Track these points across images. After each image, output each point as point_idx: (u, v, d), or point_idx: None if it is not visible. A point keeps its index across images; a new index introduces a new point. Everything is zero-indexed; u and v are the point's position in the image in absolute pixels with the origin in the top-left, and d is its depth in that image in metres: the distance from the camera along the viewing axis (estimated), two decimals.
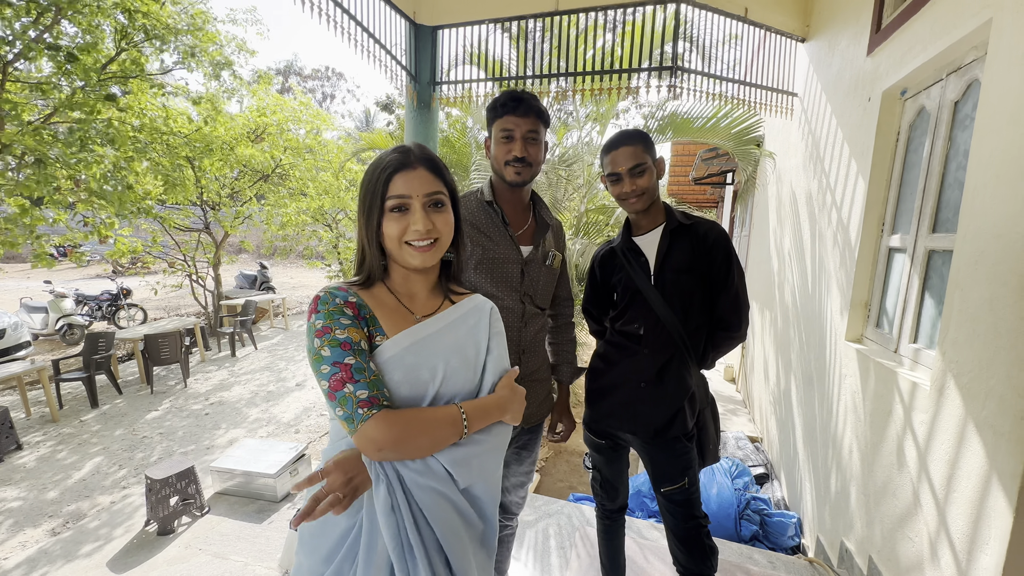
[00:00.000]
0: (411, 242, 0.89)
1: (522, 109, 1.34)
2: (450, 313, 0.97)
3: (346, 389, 0.79)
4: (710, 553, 1.50)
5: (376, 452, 0.79)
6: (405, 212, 0.88)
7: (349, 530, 0.85)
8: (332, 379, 0.79)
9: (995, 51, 1.38)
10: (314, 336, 0.82)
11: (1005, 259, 1.26)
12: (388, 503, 0.81)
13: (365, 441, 0.79)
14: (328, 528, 0.86)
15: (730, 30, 3.13)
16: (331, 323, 0.82)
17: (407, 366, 0.87)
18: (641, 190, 1.40)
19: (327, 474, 0.81)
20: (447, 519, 0.85)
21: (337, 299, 0.85)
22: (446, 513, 0.85)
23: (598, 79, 3.28)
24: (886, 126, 2.12)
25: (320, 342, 0.81)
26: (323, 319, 0.83)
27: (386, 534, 0.80)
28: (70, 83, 4.47)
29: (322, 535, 0.87)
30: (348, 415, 0.79)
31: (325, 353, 0.80)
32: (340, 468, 0.81)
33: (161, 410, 5.47)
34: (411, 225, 0.88)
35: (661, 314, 1.44)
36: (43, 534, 3.21)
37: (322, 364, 0.80)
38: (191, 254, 8.28)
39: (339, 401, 0.79)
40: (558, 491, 4.15)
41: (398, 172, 0.88)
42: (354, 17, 2.75)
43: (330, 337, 0.81)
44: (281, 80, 32.82)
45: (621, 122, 14.84)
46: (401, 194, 0.87)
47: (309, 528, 0.88)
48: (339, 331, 0.82)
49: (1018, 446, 1.18)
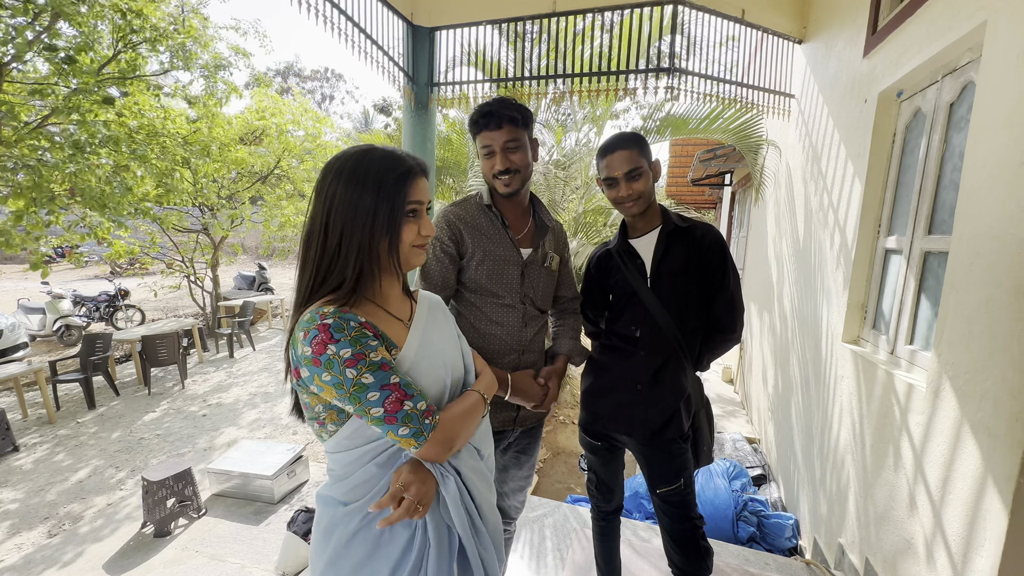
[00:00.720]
0: (418, 245, 0.92)
1: (494, 123, 1.33)
2: (421, 310, 1.01)
3: (406, 407, 0.81)
4: (705, 554, 1.50)
5: (447, 453, 0.86)
6: (418, 217, 0.91)
7: (411, 538, 0.88)
8: (387, 402, 0.79)
9: (990, 53, 1.38)
10: (344, 367, 0.77)
11: (1000, 261, 1.26)
12: (458, 496, 0.89)
13: (438, 446, 0.84)
14: (382, 549, 0.87)
15: (727, 31, 3.14)
16: (361, 348, 0.79)
17: (425, 369, 0.91)
18: (637, 194, 1.40)
19: (409, 485, 0.83)
20: (485, 492, 0.97)
21: (352, 323, 0.80)
22: (484, 487, 0.97)
23: (595, 80, 3.28)
24: (882, 128, 2.13)
25: (356, 371, 0.77)
26: (349, 346, 0.78)
27: (458, 524, 0.89)
28: (66, 83, 4.46)
29: (375, 559, 0.87)
30: (416, 430, 0.81)
31: (367, 380, 0.78)
32: (418, 478, 0.84)
33: (159, 411, 5.46)
34: (422, 230, 0.91)
35: (657, 317, 1.44)
36: (39, 536, 3.19)
37: (368, 392, 0.78)
38: (189, 255, 8.27)
39: (402, 421, 0.80)
40: (555, 492, 4.15)
41: (418, 177, 0.90)
42: (352, 19, 2.75)
43: (367, 363, 0.79)
44: (280, 81, 32.86)
45: (620, 123, 14.85)
46: (419, 199, 0.90)
47: (354, 562, 0.87)
48: (373, 354, 0.80)
49: (1013, 448, 1.18)
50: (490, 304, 1.39)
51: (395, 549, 0.87)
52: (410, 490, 0.82)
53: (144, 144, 5.25)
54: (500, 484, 1.57)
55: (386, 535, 0.87)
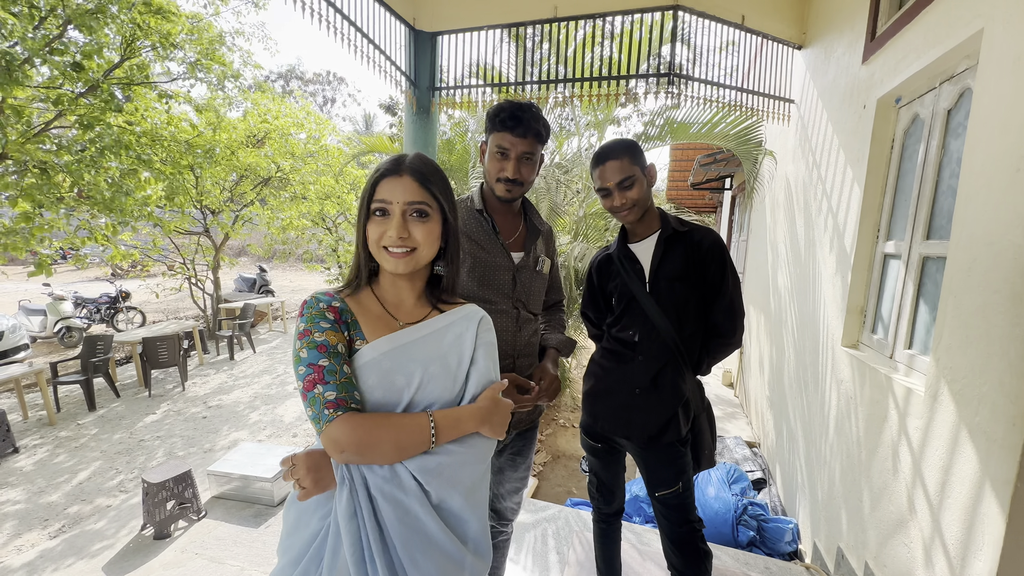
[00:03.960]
0: (388, 247, 0.91)
1: (520, 129, 1.31)
2: (436, 322, 0.97)
3: (316, 390, 0.82)
4: (704, 557, 1.50)
5: (338, 453, 0.81)
6: (386, 217, 0.91)
7: (318, 533, 0.87)
8: (305, 380, 0.83)
9: (987, 60, 1.40)
10: (296, 338, 0.86)
11: (997, 267, 1.27)
12: (350, 507, 0.81)
13: (329, 442, 0.81)
14: (300, 529, 0.89)
15: (728, 37, 3.16)
16: (311, 326, 0.86)
17: (383, 371, 0.88)
18: (632, 202, 1.41)
19: (296, 460, 0.85)
20: (411, 535, 0.82)
21: (320, 303, 0.89)
22: (411, 528, 0.82)
23: (596, 85, 3.30)
24: (881, 133, 2.14)
25: (300, 344, 0.85)
26: (305, 322, 0.87)
27: (346, 540, 0.80)
28: (72, 87, 4.49)
29: (295, 535, 0.90)
30: (316, 415, 0.81)
31: (303, 355, 0.84)
32: (308, 460, 0.85)
33: (159, 413, 5.46)
34: (387, 230, 0.90)
35: (656, 321, 1.45)
36: (39, 538, 3.19)
37: (299, 365, 0.84)
38: (190, 257, 8.29)
39: (309, 401, 0.82)
40: (556, 496, 4.14)
41: (385, 178, 0.91)
42: (354, 23, 2.77)
43: (309, 339, 0.85)
44: (283, 84, 32.96)
45: (622, 128, 14.90)
46: (383, 199, 0.90)
47: (287, 527, 0.92)
48: (317, 334, 0.85)
49: (1011, 452, 1.19)
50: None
51: (306, 534, 0.88)
52: (297, 468, 0.85)
53: (148, 148, 5.28)
54: (496, 486, 1.58)
55: (304, 517, 0.89)
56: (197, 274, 8.49)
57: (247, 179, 8.40)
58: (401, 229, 0.89)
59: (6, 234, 4.25)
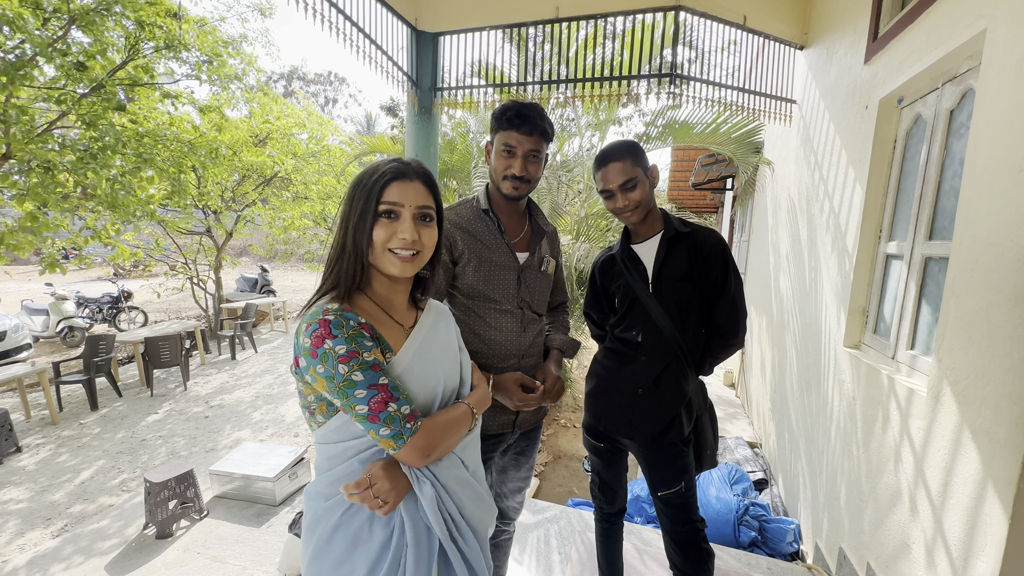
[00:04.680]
0: (394, 250, 0.91)
1: (527, 127, 1.32)
2: (426, 319, 1.02)
3: (390, 408, 0.83)
4: (707, 557, 1.50)
5: (424, 459, 0.87)
6: (395, 219, 0.90)
7: (388, 539, 0.89)
8: (372, 402, 0.82)
9: (989, 61, 1.40)
10: (338, 362, 0.80)
11: (1000, 267, 1.27)
12: (435, 501, 0.89)
13: (415, 451, 0.86)
14: (361, 547, 0.88)
15: (729, 37, 3.16)
16: (356, 347, 0.82)
17: (418, 376, 0.93)
18: (635, 204, 1.41)
19: (376, 479, 0.85)
20: (472, 499, 0.98)
21: (351, 322, 0.84)
22: (470, 494, 0.97)
23: (598, 86, 3.30)
24: (883, 134, 2.14)
25: (347, 367, 0.81)
26: (345, 344, 0.81)
27: (437, 527, 0.89)
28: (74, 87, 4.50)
29: (354, 556, 0.88)
30: (396, 432, 0.83)
31: (358, 378, 0.81)
32: (387, 474, 0.86)
33: (161, 413, 5.47)
34: (398, 233, 0.90)
35: (659, 322, 1.45)
36: (42, 536, 3.20)
37: (356, 389, 0.81)
38: (192, 257, 8.30)
39: (384, 421, 0.82)
40: (557, 496, 4.15)
41: (396, 180, 0.90)
42: (356, 24, 2.77)
43: (359, 361, 0.82)
44: (285, 84, 33.01)
45: (623, 129, 14.88)
46: (395, 201, 0.90)
47: (334, 557, 0.89)
48: (366, 354, 0.83)
49: (1013, 453, 1.19)
50: (488, 310, 1.40)
51: (373, 547, 0.88)
52: (376, 484, 0.85)
53: (151, 148, 5.30)
54: (499, 485, 1.58)
55: (364, 533, 0.88)
56: (199, 274, 8.51)
57: (249, 179, 8.42)
58: (413, 231, 0.90)
59: (11, 233, 4.27)
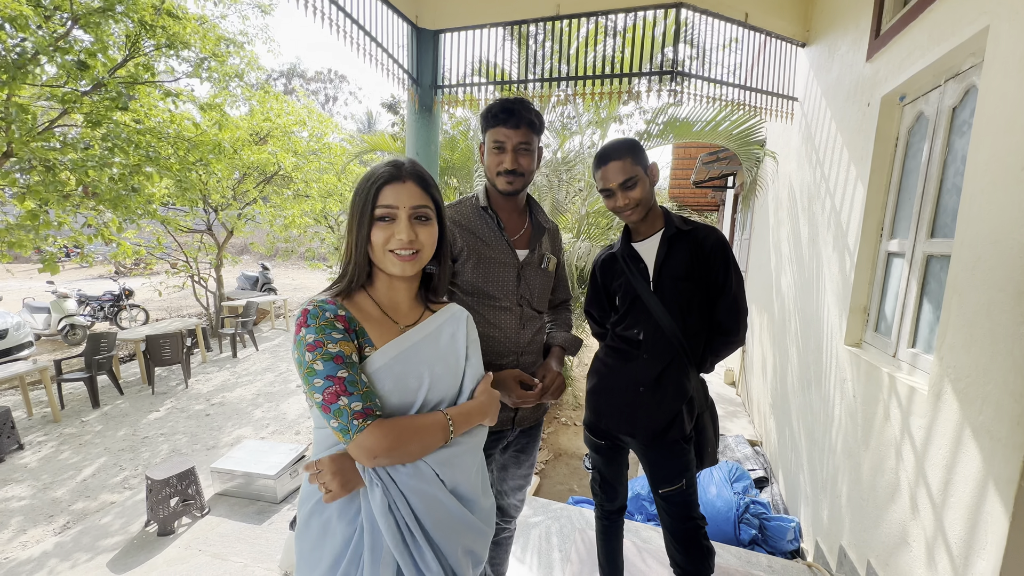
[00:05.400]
0: (394, 250, 0.93)
1: (513, 121, 1.33)
2: (431, 322, 1.02)
3: (340, 402, 0.83)
4: (707, 554, 1.50)
5: (371, 460, 0.84)
6: (391, 222, 0.93)
7: (351, 536, 0.89)
8: (326, 392, 0.83)
9: (992, 58, 1.39)
10: (305, 350, 0.84)
11: (1001, 265, 1.27)
12: (384, 504, 0.86)
13: (360, 450, 0.84)
14: (328, 538, 0.90)
15: (731, 34, 3.15)
16: (323, 337, 0.85)
17: (396, 375, 0.92)
18: (635, 202, 1.41)
19: (323, 466, 0.87)
20: (438, 516, 0.91)
21: (327, 313, 0.88)
22: (438, 512, 0.91)
23: (599, 83, 3.29)
24: (885, 131, 2.13)
25: (312, 356, 0.83)
26: (314, 333, 0.85)
27: (386, 533, 0.86)
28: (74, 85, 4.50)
29: (323, 545, 0.90)
30: (343, 426, 0.83)
31: (318, 367, 0.83)
32: (334, 464, 0.87)
33: (163, 411, 5.49)
34: (395, 234, 0.92)
35: (660, 320, 1.45)
36: (45, 533, 3.22)
37: (315, 378, 0.83)
38: (193, 255, 8.31)
39: (334, 413, 0.83)
40: (558, 494, 4.15)
41: (388, 184, 0.92)
42: (356, 21, 2.77)
43: (322, 351, 0.84)
44: (285, 82, 32.97)
45: (624, 127, 14.84)
46: (389, 204, 0.92)
47: (309, 542, 0.92)
48: (331, 345, 0.85)
49: (1014, 451, 1.19)
50: (487, 307, 1.40)
51: (337, 541, 0.89)
52: (323, 473, 0.87)
53: (153, 146, 5.30)
54: (499, 483, 1.58)
55: (331, 525, 0.90)
56: (200, 272, 8.51)
57: (250, 176, 8.42)
58: (410, 232, 0.92)
59: (11, 231, 4.27)
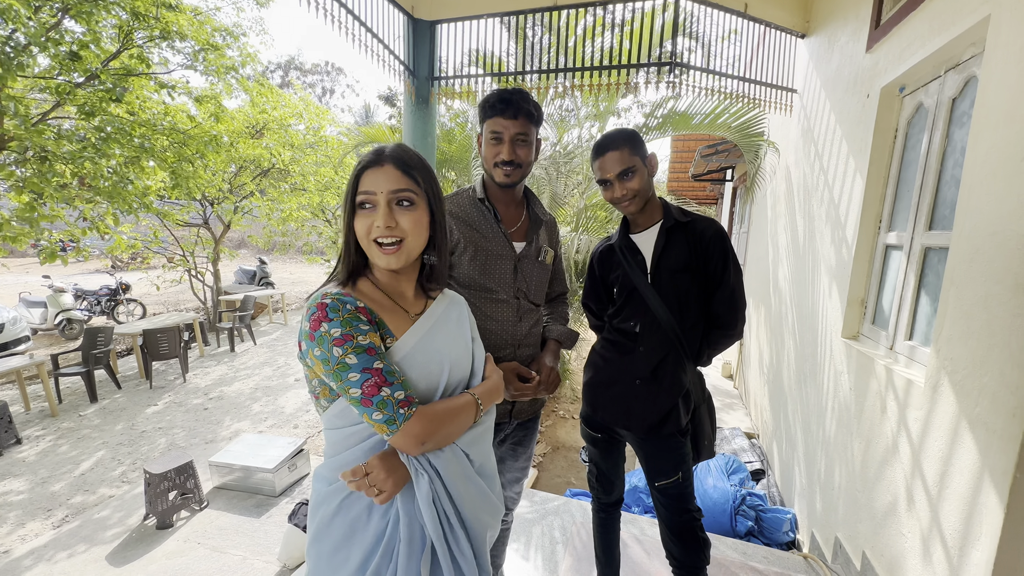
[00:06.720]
0: (378, 240, 0.89)
1: (511, 111, 1.32)
2: (436, 308, 1.01)
3: (383, 393, 0.81)
4: (703, 545, 1.51)
5: (419, 447, 0.84)
6: (372, 209, 0.89)
7: (383, 531, 0.88)
8: (365, 385, 0.80)
9: (993, 48, 1.38)
10: (332, 345, 0.80)
11: (1000, 257, 1.26)
12: (430, 495, 0.86)
13: (408, 438, 0.83)
14: (357, 536, 0.88)
15: (730, 25, 3.12)
16: (350, 330, 0.82)
17: (419, 363, 0.91)
18: (632, 193, 1.40)
19: (372, 468, 0.84)
20: (471, 498, 0.93)
21: (348, 305, 0.84)
22: (470, 493, 0.93)
23: (598, 75, 3.27)
24: (884, 123, 2.12)
25: (342, 350, 0.80)
26: (340, 327, 0.81)
27: (429, 524, 0.86)
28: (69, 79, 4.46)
29: (350, 545, 0.88)
30: (389, 417, 0.81)
31: (351, 360, 0.80)
32: (384, 463, 0.85)
33: (160, 405, 5.48)
34: (375, 221, 0.88)
35: (657, 312, 1.44)
36: (43, 527, 3.22)
37: (349, 372, 0.80)
38: (190, 250, 8.27)
39: (377, 405, 0.81)
40: (555, 487, 4.17)
41: (367, 169, 0.89)
42: (352, 12, 2.74)
43: (353, 344, 0.81)
44: (282, 74, 32.71)
45: (623, 120, 14.76)
46: (367, 190, 0.88)
47: (332, 544, 0.89)
48: (361, 337, 0.82)
49: (1010, 443, 1.19)
50: (483, 299, 1.39)
51: (368, 537, 0.87)
52: (372, 474, 0.84)
53: (148, 137, 5.26)
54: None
55: (361, 522, 0.88)
56: (197, 266, 8.48)
57: (246, 170, 8.37)
58: (388, 218, 0.88)
59: (7, 224, 4.24)
